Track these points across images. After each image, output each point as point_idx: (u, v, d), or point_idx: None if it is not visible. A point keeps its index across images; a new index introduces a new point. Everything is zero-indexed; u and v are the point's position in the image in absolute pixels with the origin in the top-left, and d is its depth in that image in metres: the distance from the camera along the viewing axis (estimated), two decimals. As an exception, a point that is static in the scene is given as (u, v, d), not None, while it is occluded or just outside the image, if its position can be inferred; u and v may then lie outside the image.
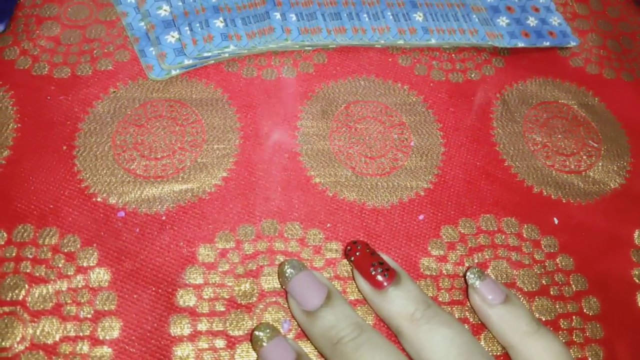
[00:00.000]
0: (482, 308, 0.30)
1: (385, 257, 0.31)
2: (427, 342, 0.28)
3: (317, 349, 0.29)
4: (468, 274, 0.31)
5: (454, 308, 0.32)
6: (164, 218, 0.33)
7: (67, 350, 0.29)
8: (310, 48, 0.41)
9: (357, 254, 0.31)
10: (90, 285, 0.30)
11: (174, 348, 0.30)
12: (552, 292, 0.34)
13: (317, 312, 0.29)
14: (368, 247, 0.31)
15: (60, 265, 0.31)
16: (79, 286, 0.30)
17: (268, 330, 0.28)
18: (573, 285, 0.34)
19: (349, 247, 0.32)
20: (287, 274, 0.30)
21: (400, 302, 0.29)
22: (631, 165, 0.40)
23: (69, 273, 0.31)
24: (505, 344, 0.30)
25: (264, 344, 0.28)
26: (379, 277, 0.30)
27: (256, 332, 0.28)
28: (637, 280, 0.35)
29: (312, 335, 0.29)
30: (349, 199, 0.35)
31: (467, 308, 0.32)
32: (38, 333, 0.29)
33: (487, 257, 0.34)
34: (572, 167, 0.39)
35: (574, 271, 0.35)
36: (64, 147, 0.35)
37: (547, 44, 0.44)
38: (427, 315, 0.28)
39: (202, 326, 0.30)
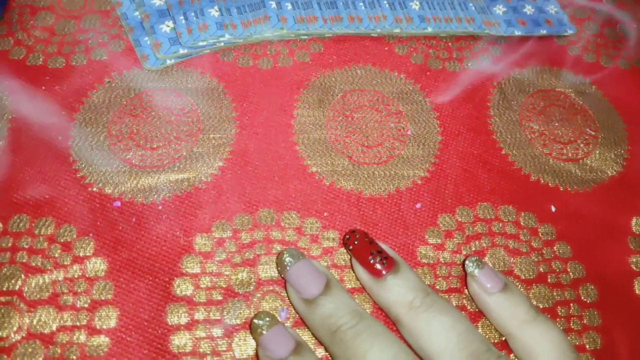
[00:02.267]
0: (480, 296, 0.30)
1: (383, 245, 0.31)
2: (426, 330, 0.28)
3: (316, 337, 0.29)
4: (467, 262, 0.31)
5: (451, 296, 0.32)
6: (160, 208, 0.33)
7: (64, 339, 0.29)
8: (306, 37, 0.41)
9: (356, 242, 0.31)
10: (87, 275, 0.30)
11: (171, 337, 0.29)
12: (549, 280, 0.34)
13: (316, 300, 0.28)
14: (367, 236, 0.31)
15: (56, 255, 0.31)
16: (76, 276, 0.30)
17: (268, 319, 0.28)
18: (570, 273, 0.34)
19: (347, 236, 0.32)
20: (286, 263, 0.30)
21: (399, 290, 0.29)
22: (628, 153, 0.40)
23: (65, 263, 0.30)
24: (503, 331, 0.30)
25: (264, 332, 0.28)
26: (378, 266, 0.30)
27: (255, 321, 0.28)
28: (634, 268, 0.35)
29: (311, 324, 0.29)
30: (346, 188, 0.35)
31: (464, 296, 0.32)
32: (35, 323, 0.29)
33: (484, 245, 0.34)
34: (570, 155, 0.39)
35: (571, 259, 0.35)
36: (60, 137, 0.35)
37: (544, 32, 0.44)
38: (426, 303, 0.28)
39: (200, 315, 0.30)
